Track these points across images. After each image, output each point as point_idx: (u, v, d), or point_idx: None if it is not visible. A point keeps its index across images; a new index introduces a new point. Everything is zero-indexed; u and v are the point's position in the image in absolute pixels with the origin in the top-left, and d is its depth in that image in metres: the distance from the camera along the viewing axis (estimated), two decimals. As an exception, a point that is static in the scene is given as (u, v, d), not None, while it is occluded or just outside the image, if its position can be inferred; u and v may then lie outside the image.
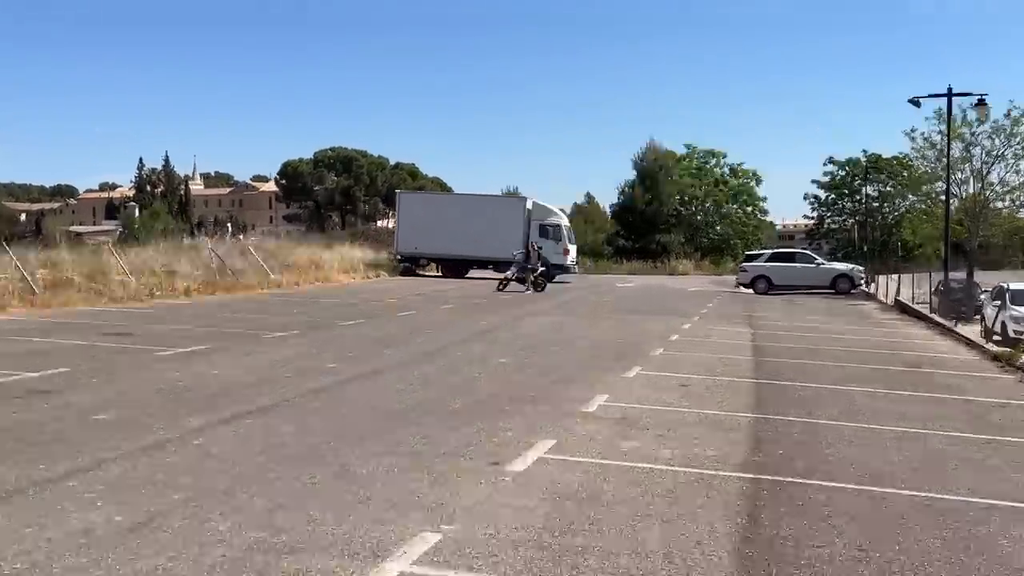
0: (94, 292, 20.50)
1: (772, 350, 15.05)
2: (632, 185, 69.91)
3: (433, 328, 16.79)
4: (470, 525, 5.13)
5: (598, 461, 6.80)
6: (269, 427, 7.58)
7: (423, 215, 41.02)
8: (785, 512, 5.65)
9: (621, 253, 64.53)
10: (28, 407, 8.01)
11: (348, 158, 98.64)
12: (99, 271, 22.23)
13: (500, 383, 10.37)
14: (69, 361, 10.86)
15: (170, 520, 5.02)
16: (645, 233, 67.17)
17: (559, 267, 40.25)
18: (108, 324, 15.64)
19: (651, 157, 69.99)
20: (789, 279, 33.98)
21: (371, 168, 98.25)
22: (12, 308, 17.40)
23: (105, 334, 14.06)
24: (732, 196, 75.64)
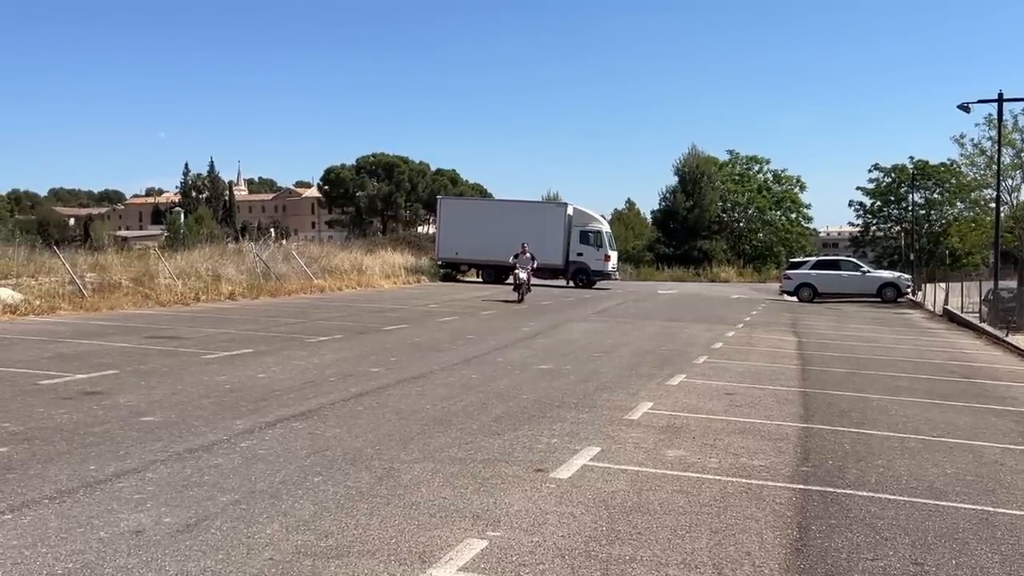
0: (141, 295, 20.84)
1: (819, 359, 14.82)
2: (673, 191, 69.60)
3: (474, 333, 16.81)
4: (516, 532, 5.09)
5: (644, 469, 6.72)
6: (314, 431, 7.61)
7: (463, 221, 41.13)
8: (836, 524, 5.53)
9: (662, 260, 64.27)
10: (78, 408, 8.14)
11: (390, 164, 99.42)
12: (146, 275, 22.59)
13: (542, 389, 10.33)
14: (117, 363, 11.05)
15: (218, 522, 5.06)
16: (687, 240, 66.80)
17: (600, 273, 40.18)
18: (155, 327, 15.89)
19: (693, 163, 69.61)
20: (834, 287, 33.49)
21: (412, 174, 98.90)
22: (62, 311, 17.76)
23: (152, 337, 14.29)
24: (775, 203, 74.97)
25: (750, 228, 74.49)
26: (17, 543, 4.54)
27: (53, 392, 8.94)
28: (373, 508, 5.45)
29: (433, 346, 14.39)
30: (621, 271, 47.47)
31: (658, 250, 68.05)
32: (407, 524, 5.16)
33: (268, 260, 29.13)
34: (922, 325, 24.65)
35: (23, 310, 16.85)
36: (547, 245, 39.52)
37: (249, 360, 11.85)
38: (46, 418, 7.63)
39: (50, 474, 5.87)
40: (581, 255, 39.97)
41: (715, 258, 65.02)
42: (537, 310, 24.45)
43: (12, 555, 4.37)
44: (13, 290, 17.85)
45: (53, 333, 14.29)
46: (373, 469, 6.40)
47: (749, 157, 76.69)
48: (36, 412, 7.86)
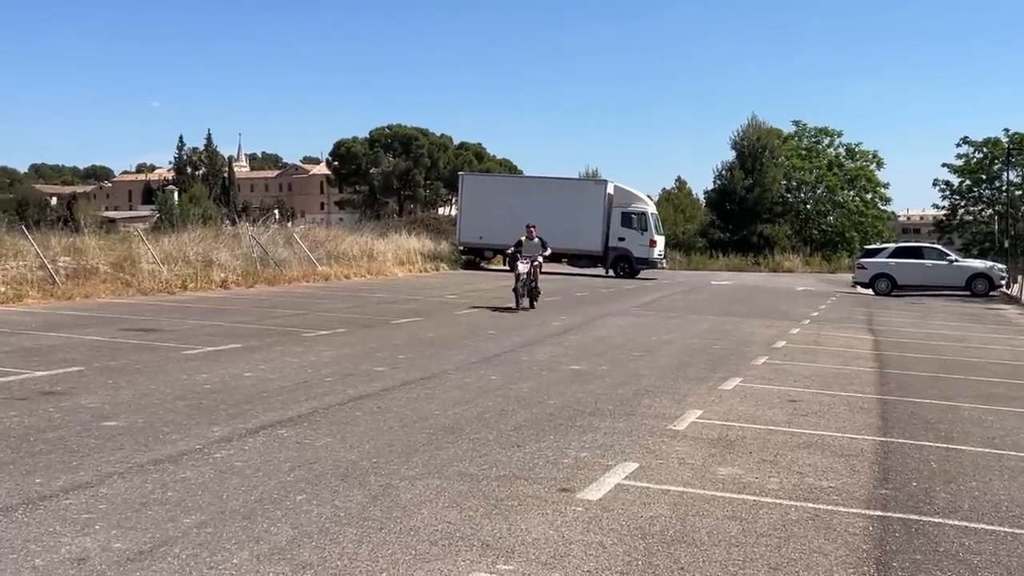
0: (121, 282, 20.84)
1: (898, 361, 14.37)
2: (730, 168, 68.80)
3: (497, 329, 16.53)
4: (532, 566, 4.78)
5: (689, 490, 6.38)
6: (302, 440, 7.36)
7: (489, 201, 40.81)
8: (922, 560, 5.16)
9: (716, 246, 63.57)
10: (32, 410, 7.96)
11: (407, 137, 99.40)
12: (127, 260, 22.60)
13: (572, 393, 10.01)
14: (84, 359, 10.90)
15: (176, 548, 4.80)
16: (745, 223, 66.01)
17: (644, 261, 39.76)
18: (133, 318, 15.79)
19: (753, 136, 68.75)
20: (916, 278, 32.80)
21: (432, 149, 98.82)
22: (29, 299, 17.77)
23: (128, 329, 14.17)
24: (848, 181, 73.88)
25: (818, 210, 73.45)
26: (-67, 572, 4.31)
27: (6, 391, 8.79)
28: (363, 534, 5.16)
29: (448, 342, 14.13)
30: (669, 259, 47.06)
31: (712, 235, 67.31)
32: (402, 554, 4.87)
33: (267, 244, 29.09)
34: (1019, 323, 23.99)
35: (-15, 299, 16.86)
36: (584, 229, 39.20)
37: (236, 357, 11.65)
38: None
39: (-14, 488, 5.66)
40: (623, 240, 39.56)
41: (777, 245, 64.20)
42: (572, 301, 24.14)
43: (-76, 587, 4.14)
44: (-26, 276, 17.88)
45: (16, 324, 14.22)
46: (367, 486, 6.12)
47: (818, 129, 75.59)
48: (-19, 415, 7.69)
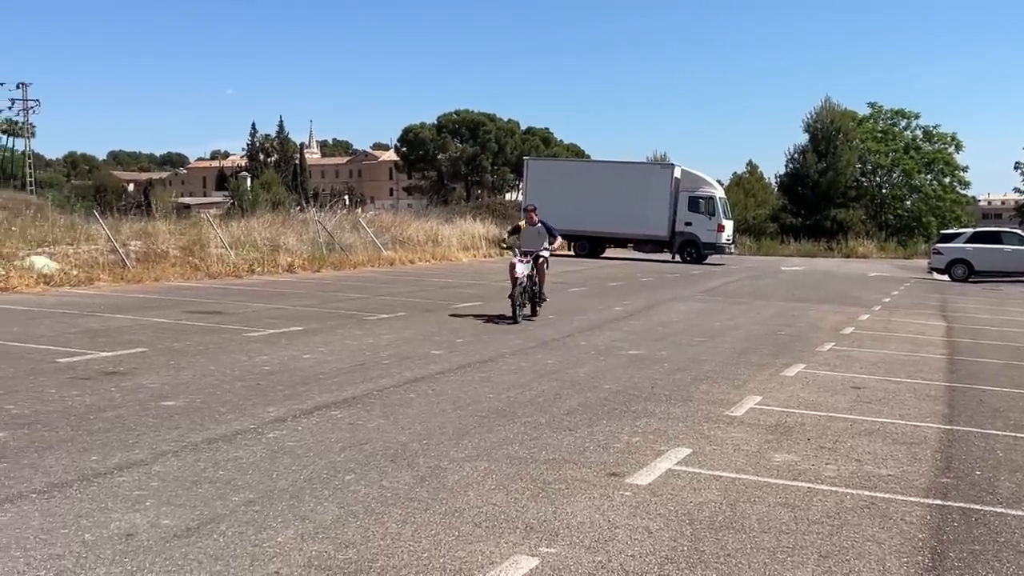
0: (190, 266, 21.26)
1: (971, 348, 13.94)
2: (803, 151, 67.43)
3: (557, 313, 16.45)
4: (575, 549, 4.74)
5: (742, 476, 6.27)
6: (355, 421, 7.42)
7: (554, 185, 40.61)
8: (980, 551, 4.99)
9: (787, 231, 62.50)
10: (94, 390, 8.15)
11: (475, 123, 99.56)
12: (197, 244, 23.05)
13: (629, 378, 9.92)
14: (149, 340, 11.13)
15: (223, 526, 4.86)
16: (817, 208, 64.70)
17: (712, 246, 39.27)
18: (199, 301, 16.10)
19: (826, 118, 67.27)
20: (995, 264, 31.82)
21: (500, 134, 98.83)
22: (100, 281, 18.23)
23: (193, 312, 14.44)
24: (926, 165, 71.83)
25: (894, 195, 71.61)
26: (-13, 544, 4.43)
27: (71, 371, 9.01)
28: (408, 514, 5.17)
29: (507, 327, 14.12)
30: (738, 244, 46.43)
31: (783, 220, 66.13)
32: (445, 535, 4.87)
33: (333, 230, 29.40)
34: (1104, 310, 23.11)
35: (58, 280, 17.34)
36: (650, 213, 38.88)
37: (296, 339, 11.80)
38: (56, 400, 7.64)
39: (45, 464, 5.81)
40: (690, 225, 39.11)
41: (851, 229, 62.79)
42: (636, 287, 23.97)
43: (-22, 558, 4.26)
44: (49, 259, 18.39)
45: (86, 306, 14.59)
46: (416, 467, 6.14)
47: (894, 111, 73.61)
48: (46, 394, 7.89)
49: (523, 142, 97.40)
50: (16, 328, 11.86)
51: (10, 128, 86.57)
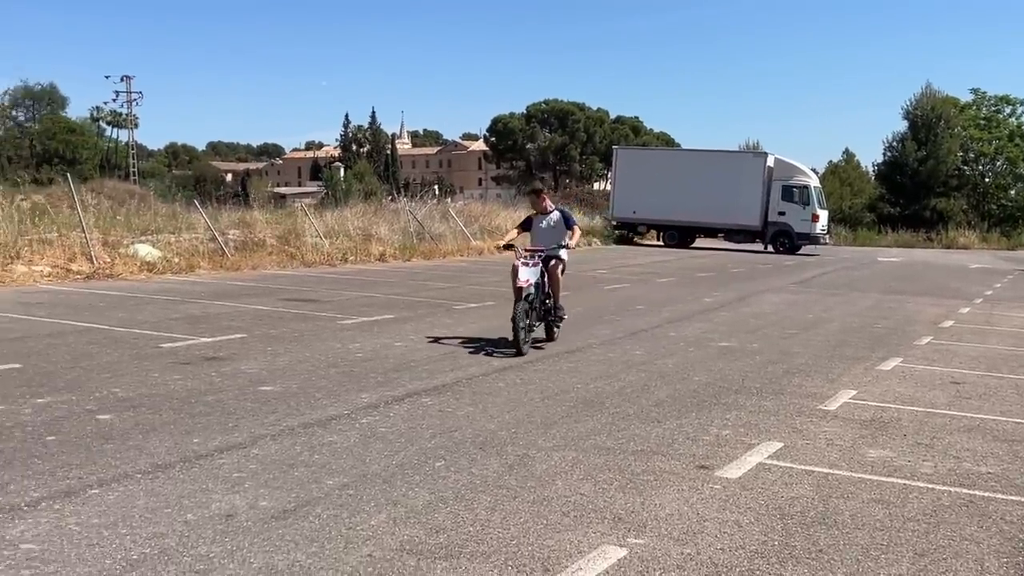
0: (286, 255, 21.76)
1: (1079, 343, 13.39)
2: (902, 139, 65.49)
3: (646, 304, 16.37)
4: (664, 541, 4.73)
5: (835, 472, 6.16)
6: (445, 408, 7.51)
7: (643, 174, 40.36)
8: (1089, 555, 4.80)
9: (885, 221, 60.82)
10: (195, 374, 8.43)
11: (563, 112, 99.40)
12: (292, 233, 23.57)
13: (719, 370, 9.82)
14: (247, 326, 11.45)
15: (319, 508, 4.99)
16: (916, 197, 62.80)
17: (805, 236, 38.50)
18: (295, 289, 16.48)
19: (927, 105, 65.16)
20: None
21: (588, 123, 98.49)
22: (200, 269, 18.79)
23: (289, 299, 14.79)
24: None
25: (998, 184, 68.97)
26: (98, 522, 4.63)
27: (173, 356, 9.33)
28: (497, 501, 5.23)
29: (595, 316, 14.10)
30: (833, 234, 45.40)
31: (880, 209, 64.35)
32: (534, 523, 4.91)
33: (424, 219, 29.72)
34: None
35: (160, 268, 17.94)
36: (742, 203, 38.30)
37: (388, 327, 11.99)
38: (159, 384, 7.93)
39: (149, 446, 6.04)
40: (783, 215, 38.41)
41: (952, 220, 60.80)
42: (727, 277, 23.66)
43: (89, 535, 4.45)
44: (152, 247, 19.04)
45: (187, 293, 15.07)
46: (504, 455, 6.19)
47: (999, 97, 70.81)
48: (150, 377, 8.19)
49: (612, 131, 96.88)
50: (121, 314, 12.32)
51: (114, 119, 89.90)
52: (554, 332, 11.15)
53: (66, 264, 16.77)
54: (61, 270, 16.43)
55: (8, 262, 15.95)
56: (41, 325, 11.08)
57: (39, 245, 17.23)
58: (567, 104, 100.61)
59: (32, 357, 8.93)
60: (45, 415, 6.71)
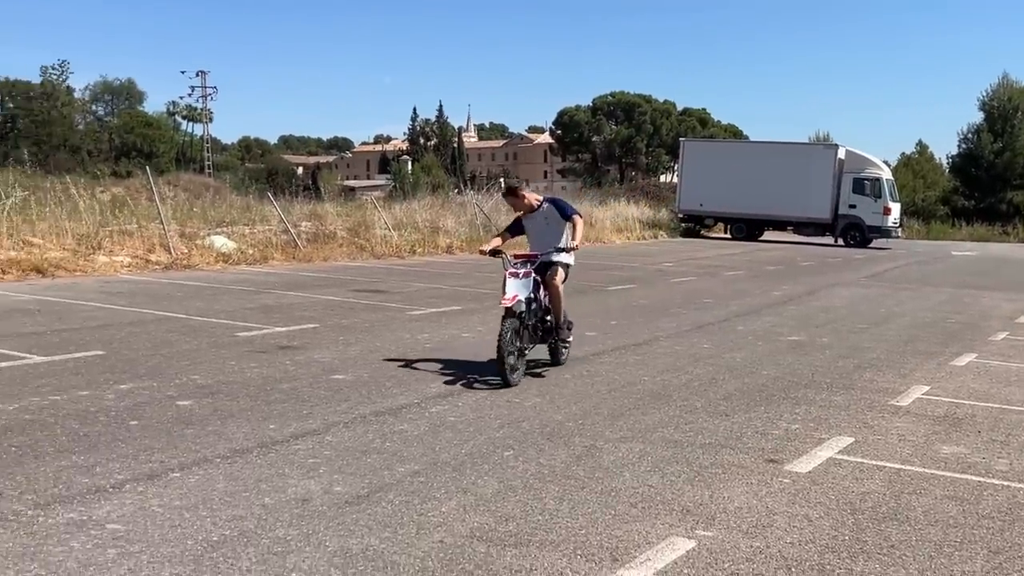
0: (356, 247, 22.05)
1: None
2: (977, 131, 63.71)
3: (713, 297, 16.23)
4: (733, 534, 4.71)
5: (908, 468, 6.06)
6: (512, 399, 7.56)
7: (710, 166, 39.93)
8: None
9: (959, 214, 59.19)
10: (270, 362, 8.61)
11: (630, 104, 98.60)
12: (362, 225, 23.87)
13: (788, 364, 9.70)
14: (319, 316, 11.65)
15: (391, 495, 5.08)
16: (992, 190, 61.08)
17: (877, 230, 37.70)
18: (365, 280, 16.69)
19: (1004, 96, 63.28)
20: None
21: (655, 115, 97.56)
22: (274, 260, 19.16)
23: (360, 290, 14.99)
24: (1115, 144, 66.54)
25: (1079, 176, 66.78)
26: (179, 504, 4.78)
27: (249, 345, 9.54)
28: (565, 491, 5.26)
29: (662, 309, 14.03)
30: (906, 227, 44.40)
31: (955, 203, 62.69)
32: (602, 513, 4.93)
33: (490, 212, 29.83)
34: None
35: (235, 259, 18.34)
36: (812, 195, 37.67)
37: (455, 318, 12.09)
38: (236, 372, 8.12)
39: (228, 431, 6.20)
40: (854, 207, 37.66)
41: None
42: (796, 271, 23.32)
43: (171, 517, 4.60)
44: (227, 238, 19.46)
45: (261, 283, 15.38)
46: (572, 446, 6.22)
47: (1080, 87, 68.51)
48: (227, 365, 8.39)
49: (679, 123, 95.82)
50: (199, 303, 12.63)
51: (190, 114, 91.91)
52: (561, 355, 9.15)
53: (145, 255, 17.24)
54: (140, 260, 16.89)
55: (90, 252, 16.47)
56: (122, 314, 11.42)
57: (119, 236, 17.74)
58: (633, 96, 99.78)
59: (114, 344, 9.22)
60: (128, 400, 6.93)
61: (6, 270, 14.52)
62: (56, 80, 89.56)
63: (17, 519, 4.46)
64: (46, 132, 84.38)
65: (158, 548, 4.21)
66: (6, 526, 4.37)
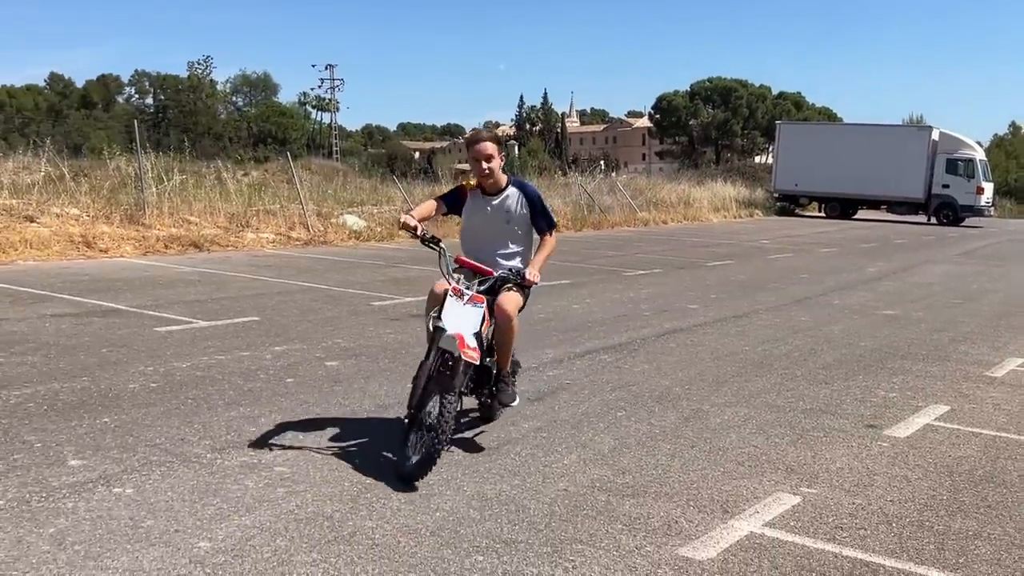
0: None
1: None
2: (1073, 110, 60.36)
3: (809, 272, 15.93)
4: (835, 491, 4.74)
5: (1003, 435, 5.94)
6: (622, 365, 7.65)
7: (805, 148, 38.91)
8: None
9: (1052, 193, 56.38)
10: (403, 329, 8.89)
11: (726, 89, 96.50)
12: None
13: (884, 337, 9.52)
14: (443, 289, 11.92)
15: (518, 447, 5.25)
16: (1087, 169, 57.88)
17: (970, 208, 36.26)
18: (481, 256, 16.93)
19: (1102, 75, 59.68)
20: None
21: (751, 99, 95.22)
22: (399, 238, 19.54)
23: (477, 265, 15.24)
24: None
25: None
26: (335, 452, 5.06)
27: (383, 313, 9.86)
28: (675, 450, 5.35)
29: (759, 284, 13.86)
30: (998, 207, 42.45)
31: (1048, 182, 59.78)
32: (711, 470, 5.01)
33: (593, 192, 29.77)
34: None
35: (365, 236, 18.83)
36: (905, 175, 36.44)
37: (565, 291, 12.20)
38: (374, 337, 8.43)
39: (371, 389, 6.48)
40: (947, 187, 36.24)
41: (1126, 192, 55.78)
42: (889, 248, 22.63)
43: (329, 462, 4.87)
44: (359, 217, 19.98)
45: (390, 258, 15.79)
46: (680, 409, 6.29)
47: None
48: (366, 331, 8.72)
49: (774, 107, 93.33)
50: (337, 275, 13.07)
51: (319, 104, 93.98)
52: (495, 410, 5.60)
53: (287, 232, 17.86)
54: (283, 237, 17.52)
55: (239, 229, 17.15)
56: (271, 284, 11.92)
57: (264, 215, 18.40)
58: (730, 81, 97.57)
59: (267, 311, 9.66)
60: (283, 361, 7.29)
61: (168, 245, 15.28)
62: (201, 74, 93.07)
63: (199, 461, 4.80)
64: (192, 121, 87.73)
65: (320, 488, 4.47)
66: (189, 467, 4.70)
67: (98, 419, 5.48)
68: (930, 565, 3.87)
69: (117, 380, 6.46)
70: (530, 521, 4.18)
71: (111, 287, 11.04)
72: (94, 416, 5.54)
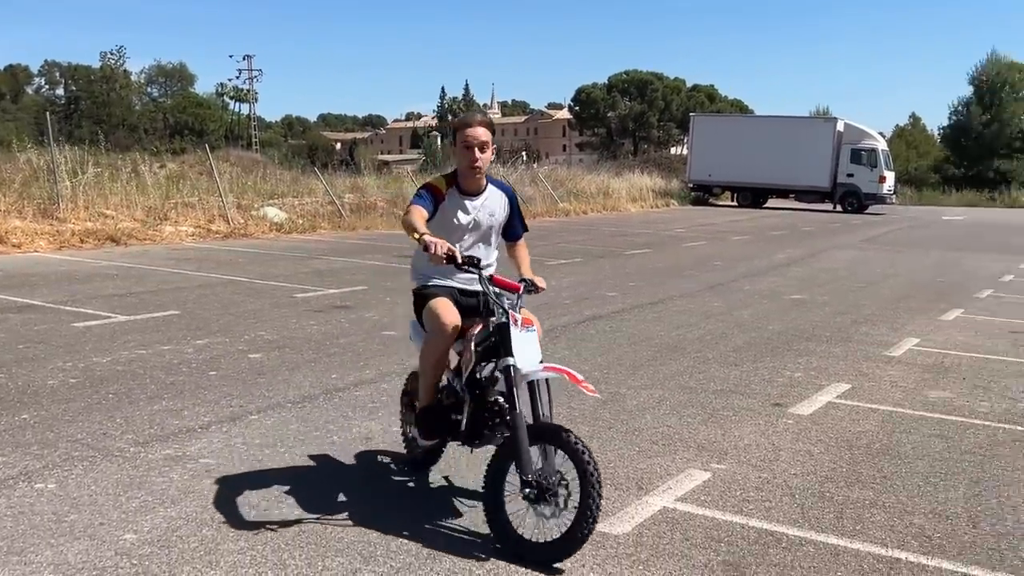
0: (395, 216, 22.19)
1: None
2: (967, 103, 63.05)
3: (722, 260, 16.36)
4: (743, 467, 4.94)
5: (899, 410, 6.26)
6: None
7: (718, 139, 39.83)
8: None
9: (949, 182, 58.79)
10: (327, 321, 8.88)
11: (643, 82, 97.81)
12: (399, 197, 24.04)
13: (791, 320, 9.87)
14: (366, 280, 11.91)
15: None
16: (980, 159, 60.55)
17: (873, 197, 37.59)
18: (404, 247, 16.89)
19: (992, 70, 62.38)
20: None
21: (666, 92, 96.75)
22: (321, 229, 19.44)
23: (402, 256, 15.18)
24: (1098, 115, 65.45)
25: (1062, 145, 65.82)
26: (259, 442, 5.06)
27: (306, 305, 9.81)
28: (593, 431, 5.50)
29: (675, 272, 14.19)
30: (899, 194, 44.07)
31: (945, 171, 62.23)
32: (627, 450, 5.17)
33: (514, 183, 29.93)
34: None
35: (287, 228, 18.61)
36: (812, 165, 37.59)
37: (488, 280, 12.28)
38: (298, 329, 8.39)
39: (295, 380, 6.47)
40: (852, 176, 37.53)
41: (1015, 180, 58.37)
42: (798, 236, 23.35)
43: (254, 453, 4.88)
44: (279, 209, 19.72)
45: (312, 250, 15.65)
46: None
47: (1066, 61, 67.27)
48: (289, 323, 8.67)
49: (688, 99, 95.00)
50: (258, 268, 12.91)
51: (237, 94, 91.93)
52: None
53: (207, 224, 17.54)
54: (202, 230, 17.20)
55: (157, 223, 16.78)
56: (191, 278, 11.72)
57: (183, 208, 18.02)
58: (646, 74, 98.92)
59: (188, 305, 9.51)
60: (205, 354, 7.22)
61: (84, 239, 14.87)
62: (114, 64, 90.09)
63: (122, 455, 4.75)
64: (106, 113, 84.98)
65: (245, 478, 4.48)
66: (113, 461, 4.65)
67: (17, 416, 5.37)
68: (829, 533, 4.09)
69: (35, 376, 6.32)
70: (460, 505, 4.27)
71: (26, 282, 10.72)
72: (12, 413, 5.43)
